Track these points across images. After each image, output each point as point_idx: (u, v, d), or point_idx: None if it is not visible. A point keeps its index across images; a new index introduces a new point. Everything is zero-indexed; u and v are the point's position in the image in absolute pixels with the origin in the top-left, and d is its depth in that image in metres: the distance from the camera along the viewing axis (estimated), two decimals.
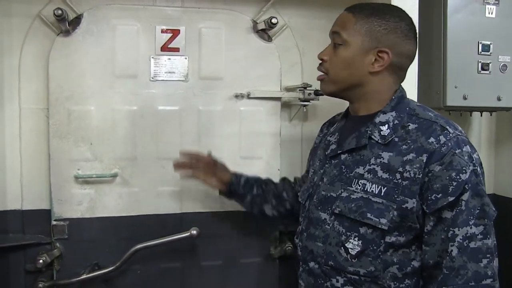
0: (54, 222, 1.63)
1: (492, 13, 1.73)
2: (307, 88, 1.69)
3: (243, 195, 1.56)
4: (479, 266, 1.00)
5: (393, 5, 1.24)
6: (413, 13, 1.57)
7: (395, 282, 1.08)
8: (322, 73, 1.22)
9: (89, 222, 1.65)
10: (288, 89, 1.77)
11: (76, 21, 1.61)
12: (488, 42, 1.72)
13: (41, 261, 1.57)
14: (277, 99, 1.77)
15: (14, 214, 1.64)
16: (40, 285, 1.61)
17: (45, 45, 1.60)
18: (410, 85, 1.57)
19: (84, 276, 1.60)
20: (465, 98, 1.72)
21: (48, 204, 1.64)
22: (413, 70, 1.56)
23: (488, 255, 1.01)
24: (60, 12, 1.48)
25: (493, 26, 1.73)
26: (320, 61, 1.22)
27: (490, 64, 1.73)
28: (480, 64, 1.72)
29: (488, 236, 1.02)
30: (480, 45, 1.72)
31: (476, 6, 1.71)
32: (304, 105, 1.73)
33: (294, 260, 1.81)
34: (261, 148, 1.76)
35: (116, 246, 1.65)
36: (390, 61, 1.13)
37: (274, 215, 1.57)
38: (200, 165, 1.56)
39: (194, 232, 1.59)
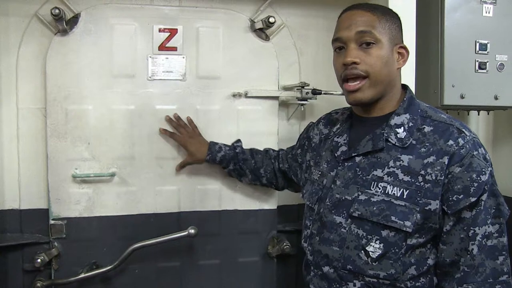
0: (52, 222, 1.63)
1: (489, 12, 1.73)
2: (305, 87, 1.69)
3: (221, 166, 1.67)
4: (496, 264, 1.04)
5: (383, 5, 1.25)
6: (411, 12, 1.58)
7: (411, 281, 1.09)
8: (356, 81, 1.13)
9: (87, 221, 1.65)
10: (286, 88, 1.77)
11: (73, 21, 1.61)
12: (486, 41, 1.73)
13: (39, 260, 1.57)
14: (275, 98, 1.77)
15: (12, 213, 1.64)
16: (38, 284, 1.61)
17: (43, 44, 1.60)
18: (408, 84, 1.57)
19: (82, 275, 1.60)
20: (462, 97, 1.72)
21: (46, 203, 1.64)
22: (410, 69, 1.57)
23: (504, 252, 1.05)
24: (57, 11, 1.48)
25: (491, 25, 1.73)
26: (345, 66, 1.13)
27: (487, 63, 1.73)
28: (477, 63, 1.73)
29: (504, 234, 1.06)
30: (477, 44, 1.72)
31: (474, 5, 1.72)
32: (302, 104, 1.73)
33: (292, 259, 1.84)
34: (259, 147, 1.75)
35: (114, 245, 1.65)
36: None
37: (251, 184, 1.72)
38: (181, 130, 1.67)
39: (192, 231, 1.59)
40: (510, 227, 1.93)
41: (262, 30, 1.75)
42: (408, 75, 1.57)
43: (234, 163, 1.63)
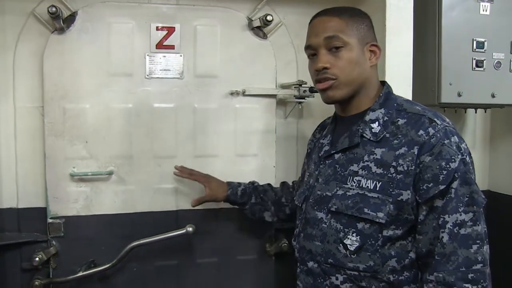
0: (50, 220, 1.63)
1: (486, 11, 1.73)
2: (302, 85, 1.69)
3: (242, 204, 1.61)
4: (469, 252, 1.02)
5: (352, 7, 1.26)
6: (408, 11, 1.58)
7: (394, 275, 1.10)
8: (326, 80, 1.17)
9: (85, 220, 1.65)
10: (284, 87, 1.77)
11: (70, 19, 1.60)
12: (483, 39, 1.73)
13: (37, 259, 1.58)
14: (273, 96, 1.77)
15: (10, 212, 1.64)
16: (37, 283, 1.61)
17: (40, 43, 1.60)
18: (405, 83, 1.58)
19: (80, 274, 1.60)
20: (459, 95, 1.73)
21: (44, 202, 1.64)
22: (408, 68, 1.58)
23: (478, 241, 1.03)
24: (54, 9, 1.48)
25: (488, 23, 1.74)
26: (317, 72, 1.18)
27: (484, 61, 1.73)
28: (474, 61, 1.73)
29: (478, 223, 1.04)
30: (474, 42, 1.73)
31: (471, 3, 1.72)
32: (299, 102, 1.74)
33: (290, 257, 1.84)
34: (256, 145, 1.76)
35: (112, 243, 1.65)
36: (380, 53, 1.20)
37: (274, 220, 1.63)
38: (196, 172, 1.64)
39: (190, 229, 1.60)
40: (508, 228, 1.95)
41: (260, 28, 1.75)
42: (405, 74, 1.58)
43: (255, 196, 1.60)
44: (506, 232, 1.95)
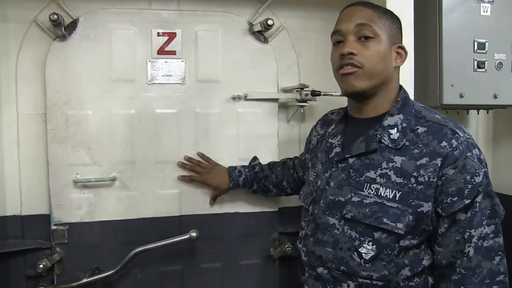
0: (53, 227, 1.63)
1: (487, 11, 1.73)
2: (304, 89, 1.69)
3: (245, 187, 1.70)
4: (492, 264, 1.04)
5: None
6: (409, 12, 1.58)
7: (405, 281, 1.09)
8: (351, 65, 1.12)
9: (88, 226, 1.65)
10: (285, 90, 1.78)
11: (72, 26, 1.61)
12: (484, 40, 1.73)
13: (41, 266, 1.58)
14: (274, 100, 1.77)
15: (13, 219, 1.64)
16: None
17: (42, 50, 1.61)
18: (407, 84, 1.57)
19: (84, 280, 1.60)
20: (461, 96, 1.72)
21: (48, 209, 1.64)
22: (409, 69, 1.57)
23: (499, 253, 1.05)
24: (56, 17, 1.48)
25: (488, 24, 1.74)
26: (342, 56, 1.13)
27: (486, 62, 1.73)
28: (476, 62, 1.73)
29: (499, 235, 1.06)
30: (475, 43, 1.72)
31: (471, 4, 1.72)
32: (301, 106, 1.74)
33: (295, 261, 1.83)
34: (259, 149, 1.76)
35: (116, 249, 1.66)
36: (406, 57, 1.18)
37: (277, 196, 1.74)
38: (197, 169, 1.69)
39: (194, 234, 1.59)
40: (508, 228, 1.94)
41: (261, 33, 1.75)
42: (407, 75, 1.58)
43: (257, 182, 1.67)
44: (508, 233, 1.94)
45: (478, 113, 1.99)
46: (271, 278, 1.82)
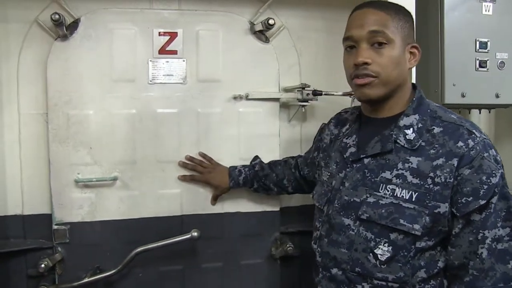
0: (55, 227, 1.63)
1: (489, 11, 1.73)
2: (305, 89, 1.69)
3: (246, 187, 1.70)
4: (507, 268, 1.02)
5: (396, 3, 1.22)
6: (410, 12, 1.57)
7: (420, 283, 1.08)
8: (366, 77, 1.11)
9: (90, 226, 1.65)
10: (287, 90, 1.77)
11: (73, 26, 1.61)
12: (486, 40, 1.73)
13: (43, 265, 1.57)
14: (276, 100, 1.77)
15: (15, 219, 1.64)
16: None
17: (43, 50, 1.60)
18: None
19: (86, 280, 1.60)
20: (463, 96, 1.72)
21: (49, 208, 1.64)
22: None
23: None
24: (57, 17, 1.48)
25: (490, 24, 1.74)
26: (356, 66, 1.11)
27: (487, 61, 1.73)
28: (477, 62, 1.73)
29: None
30: (477, 43, 1.72)
31: (473, 3, 1.72)
32: (303, 106, 1.73)
33: (296, 261, 1.83)
34: (260, 149, 1.76)
35: (117, 249, 1.65)
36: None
37: (279, 194, 1.74)
38: (199, 169, 1.70)
39: (195, 234, 1.59)
40: None
41: (262, 32, 1.75)
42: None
43: (257, 181, 1.67)
44: None
45: (480, 113, 1.99)
46: (273, 278, 1.82)
